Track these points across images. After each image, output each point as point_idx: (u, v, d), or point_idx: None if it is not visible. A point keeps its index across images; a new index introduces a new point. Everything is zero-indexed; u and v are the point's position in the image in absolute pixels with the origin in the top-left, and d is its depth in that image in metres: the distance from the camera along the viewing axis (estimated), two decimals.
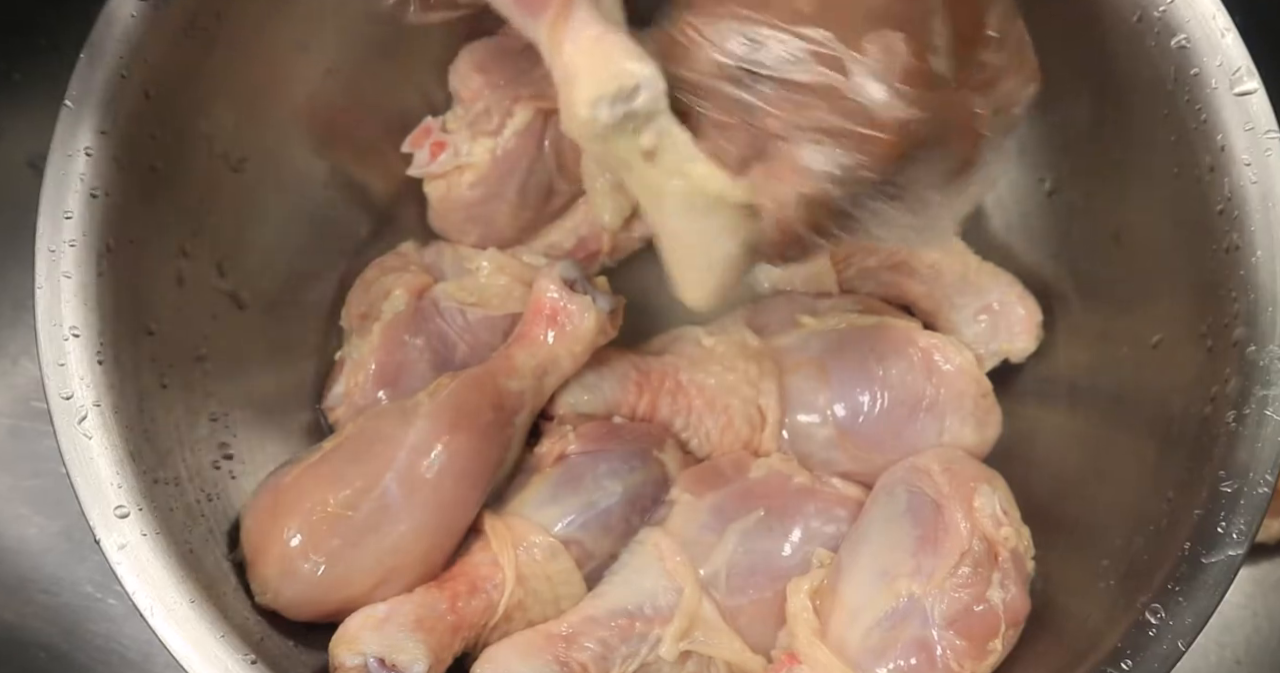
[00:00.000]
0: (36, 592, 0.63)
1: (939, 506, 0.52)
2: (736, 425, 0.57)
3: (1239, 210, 0.47)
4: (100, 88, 0.47)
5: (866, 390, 0.57)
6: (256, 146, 0.56)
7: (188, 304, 0.53)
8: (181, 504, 0.49)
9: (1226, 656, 0.65)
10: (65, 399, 0.45)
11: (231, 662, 0.43)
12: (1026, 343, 0.59)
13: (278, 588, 0.50)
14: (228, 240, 0.55)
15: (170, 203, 0.51)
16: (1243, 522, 0.45)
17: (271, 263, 0.58)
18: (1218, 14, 0.48)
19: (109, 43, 0.47)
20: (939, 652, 0.49)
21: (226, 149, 0.54)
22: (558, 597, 0.53)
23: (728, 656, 0.52)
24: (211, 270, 0.55)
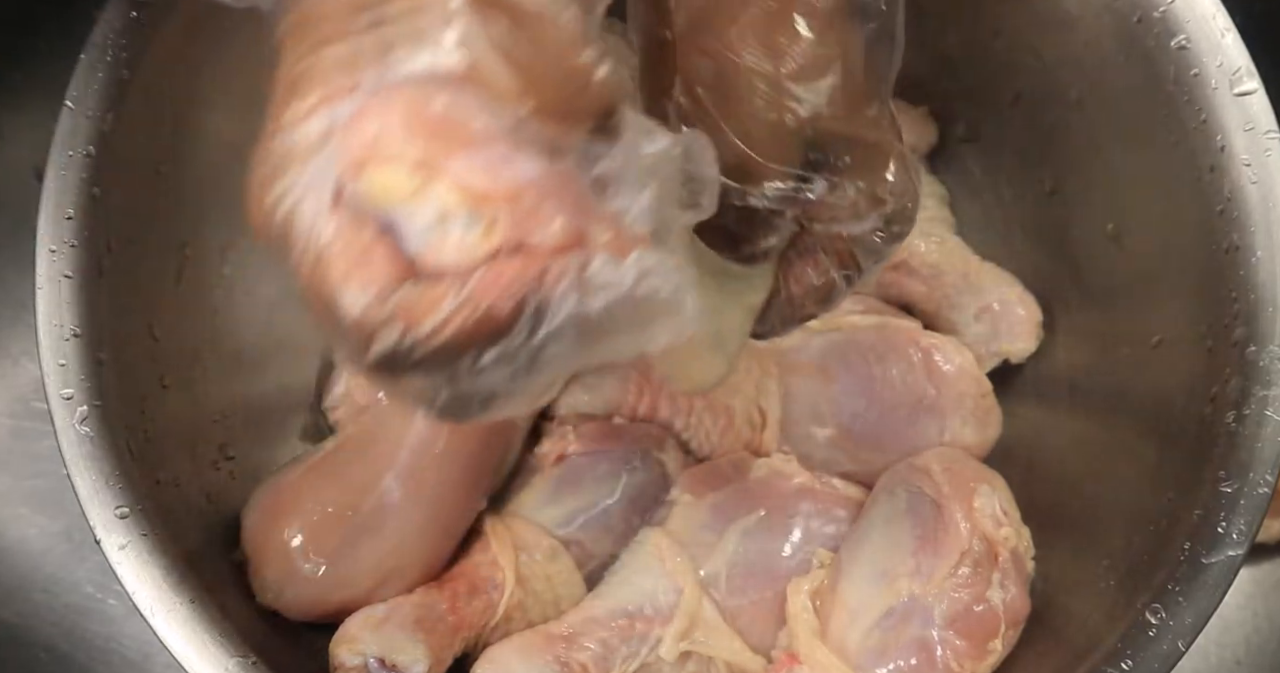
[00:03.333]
0: (36, 592, 0.63)
1: (939, 506, 0.52)
2: (737, 426, 0.57)
3: (1239, 210, 0.47)
4: (100, 88, 0.47)
5: (867, 391, 0.57)
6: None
7: (188, 304, 0.53)
8: (181, 504, 0.49)
9: (1226, 656, 0.65)
10: (66, 399, 0.45)
11: (231, 662, 0.43)
12: (1026, 343, 0.59)
13: (278, 588, 0.51)
14: (228, 241, 0.55)
15: (170, 203, 0.51)
16: (1243, 522, 0.45)
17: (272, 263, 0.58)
18: (1218, 14, 0.48)
19: (109, 43, 0.47)
20: (939, 652, 0.49)
21: (227, 149, 0.54)
22: (558, 597, 0.53)
23: (728, 656, 0.52)
24: (212, 271, 0.55)
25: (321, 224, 0.30)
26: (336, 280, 0.29)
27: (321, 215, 0.29)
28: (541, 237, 0.29)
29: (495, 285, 0.29)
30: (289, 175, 0.30)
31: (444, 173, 0.29)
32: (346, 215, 0.29)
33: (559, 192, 0.29)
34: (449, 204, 0.29)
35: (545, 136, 0.29)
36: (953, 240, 0.61)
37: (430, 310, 0.29)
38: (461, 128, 0.29)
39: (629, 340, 0.31)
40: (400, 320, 0.29)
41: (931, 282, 0.60)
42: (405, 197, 0.29)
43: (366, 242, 0.29)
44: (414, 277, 0.29)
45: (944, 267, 0.60)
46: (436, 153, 0.29)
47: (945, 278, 0.60)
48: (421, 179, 0.29)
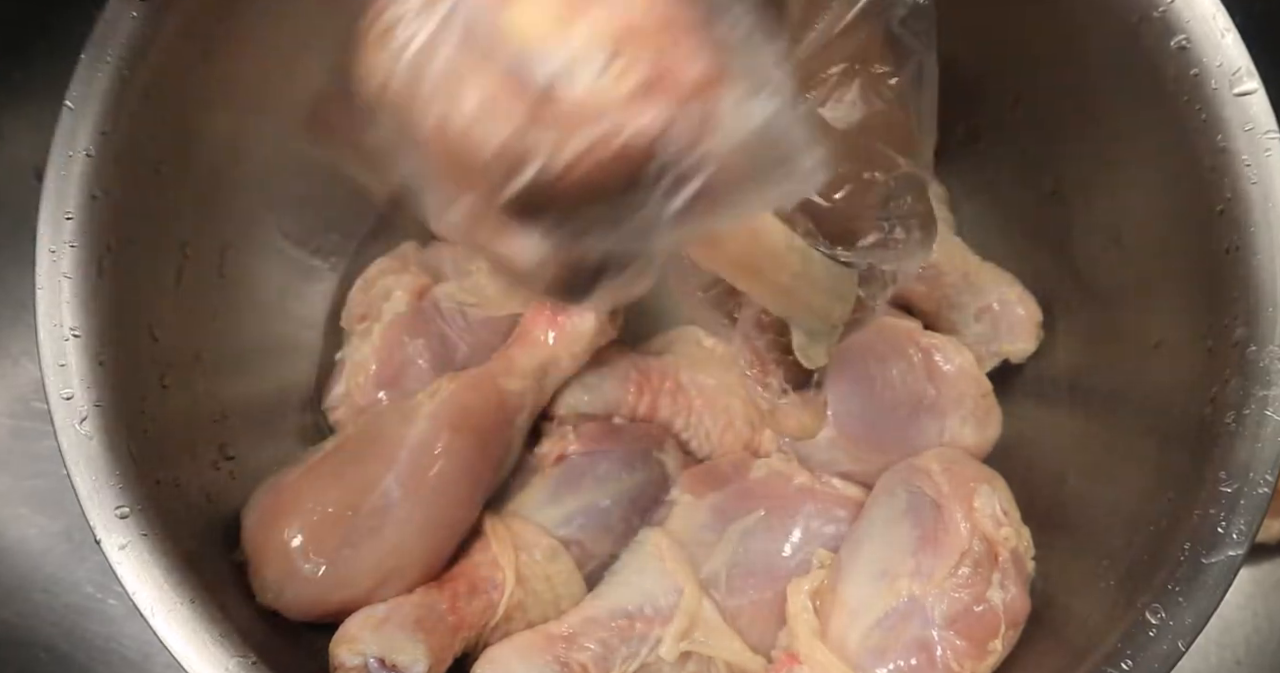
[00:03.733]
0: (36, 592, 0.63)
1: (939, 506, 0.52)
2: (737, 426, 0.57)
3: (1239, 210, 0.47)
4: (101, 89, 0.47)
5: (867, 391, 0.57)
6: (257, 147, 0.56)
7: (188, 304, 0.53)
8: (182, 504, 0.49)
9: (1226, 656, 0.65)
10: (66, 400, 0.45)
11: (231, 662, 0.43)
12: (1026, 343, 0.59)
13: (278, 588, 0.51)
14: (228, 241, 0.55)
15: (170, 203, 0.51)
16: (1243, 522, 0.45)
17: (272, 263, 0.58)
18: (1218, 14, 0.48)
19: (109, 43, 0.47)
20: (939, 652, 0.49)
21: (226, 149, 0.54)
22: (558, 597, 0.53)
23: (728, 656, 0.52)
24: (212, 271, 0.55)
25: (456, 65, 0.29)
26: (472, 116, 0.29)
27: (455, 58, 0.29)
28: (682, 75, 0.29)
29: (634, 122, 0.28)
30: (417, 18, 0.29)
31: (582, 14, 0.28)
32: (482, 56, 0.29)
33: (698, 28, 0.29)
34: (591, 43, 0.28)
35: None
36: (953, 240, 0.61)
37: (571, 143, 0.28)
38: None
39: (755, 194, 0.31)
40: (541, 153, 0.28)
41: (931, 282, 0.60)
42: (547, 35, 0.28)
43: (505, 80, 0.28)
44: (554, 114, 0.28)
45: (944, 267, 0.60)
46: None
47: (945, 278, 0.60)
48: (563, 17, 0.28)
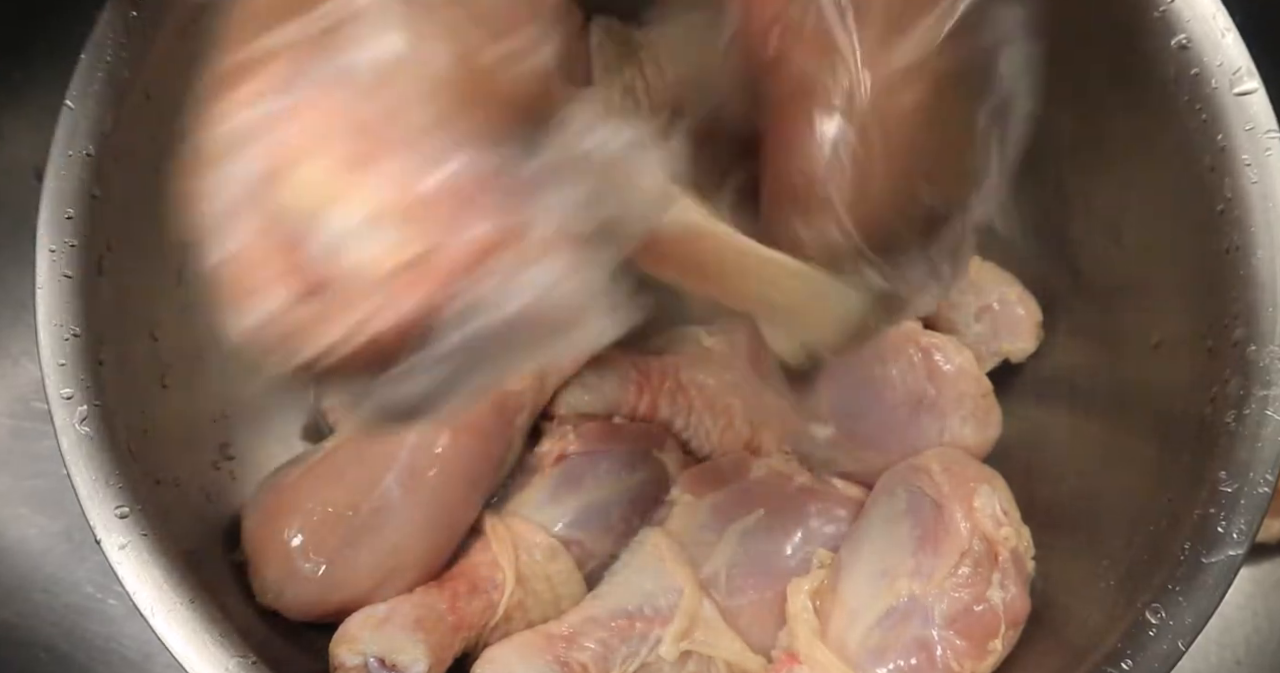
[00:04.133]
0: (36, 592, 0.63)
1: (939, 505, 0.52)
2: (737, 426, 0.57)
3: (1239, 210, 0.47)
4: (101, 88, 0.47)
5: (867, 391, 0.57)
6: None
7: (188, 304, 0.53)
8: (182, 504, 0.50)
9: (1226, 656, 0.65)
10: (66, 399, 0.45)
11: (231, 662, 0.43)
12: (1026, 343, 0.59)
13: (278, 588, 0.51)
14: None
15: (171, 202, 0.51)
16: (1243, 522, 0.45)
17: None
18: (1218, 14, 0.48)
19: (109, 43, 0.47)
20: (939, 652, 0.49)
21: None
22: (558, 597, 0.53)
23: (728, 656, 0.52)
24: None
25: (233, 229, 0.29)
26: (237, 291, 0.29)
27: (236, 219, 0.28)
28: (453, 250, 0.28)
29: (399, 304, 0.28)
30: (211, 173, 0.29)
31: (364, 180, 0.28)
32: (260, 221, 0.28)
33: (484, 193, 0.28)
34: (365, 213, 0.27)
35: (482, 128, 0.28)
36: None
37: (327, 328, 0.28)
38: (392, 125, 0.28)
39: (546, 347, 0.30)
40: (295, 340, 0.28)
41: None
42: (322, 204, 0.28)
43: (275, 251, 0.28)
44: (319, 290, 0.28)
45: None
46: (360, 157, 0.28)
47: None
48: (341, 186, 0.28)
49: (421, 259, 0.27)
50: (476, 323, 0.28)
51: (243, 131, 0.28)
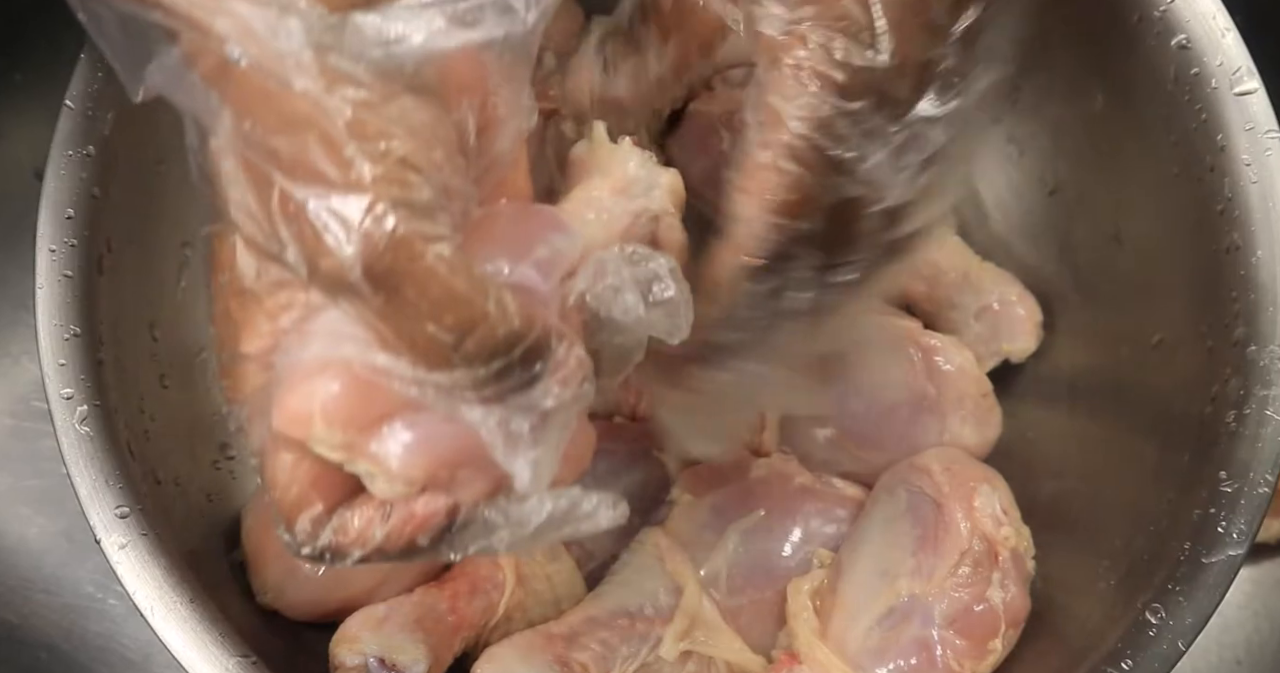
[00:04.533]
0: (36, 592, 0.63)
1: (939, 505, 0.52)
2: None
3: (1239, 210, 0.47)
4: (101, 88, 0.47)
5: (867, 391, 0.57)
6: None
7: (188, 304, 0.53)
8: (182, 504, 0.50)
9: (1227, 656, 0.65)
10: (66, 399, 0.45)
11: (231, 662, 0.43)
12: (1026, 343, 0.59)
13: (278, 588, 0.51)
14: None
15: (170, 203, 0.51)
16: (1243, 522, 0.45)
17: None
18: (1218, 14, 0.49)
19: None
20: (939, 652, 0.49)
21: None
22: (558, 597, 0.53)
23: (728, 656, 0.52)
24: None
25: (263, 446, 0.34)
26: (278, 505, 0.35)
27: (264, 439, 0.34)
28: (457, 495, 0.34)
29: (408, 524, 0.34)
30: (245, 395, 0.34)
31: (363, 452, 0.33)
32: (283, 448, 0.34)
33: (471, 452, 0.32)
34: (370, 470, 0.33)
35: (460, 387, 0.31)
36: (953, 240, 0.61)
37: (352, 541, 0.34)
38: (373, 402, 0.32)
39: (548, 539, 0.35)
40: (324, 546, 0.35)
41: (931, 282, 0.60)
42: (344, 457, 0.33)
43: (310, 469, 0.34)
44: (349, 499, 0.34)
45: (944, 267, 0.60)
46: (353, 437, 0.32)
47: (945, 278, 0.60)
48: (345, 455, 0.33)
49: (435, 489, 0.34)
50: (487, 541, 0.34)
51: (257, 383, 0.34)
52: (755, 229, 0.38)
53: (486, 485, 0.34)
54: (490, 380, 0.31)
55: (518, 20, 0.32)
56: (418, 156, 0.30)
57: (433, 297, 0.29)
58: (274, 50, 0.29)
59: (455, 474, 0.33)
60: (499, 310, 0.30)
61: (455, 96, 0.32)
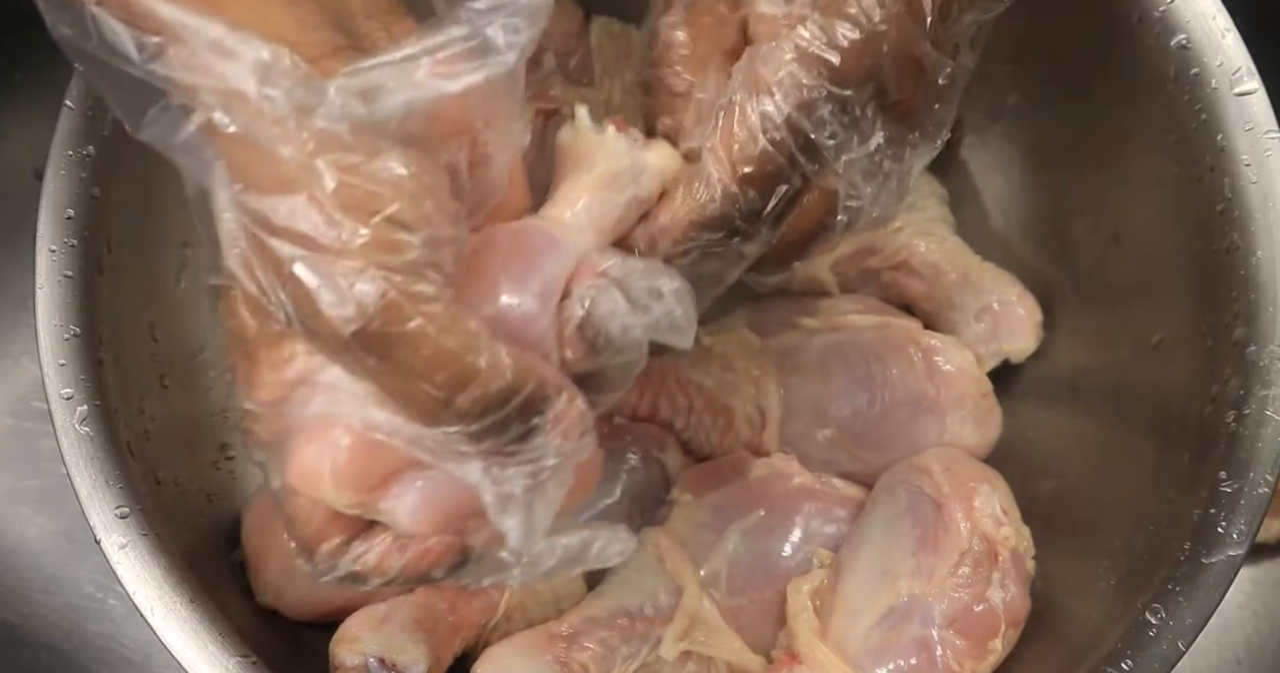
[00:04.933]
0: (36, 592, 0.63)
1: (939, 505, 0.52)
2: (737, 426, 0.57)
3: (1239, 210, 0.47)
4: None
5: (867, 391, 0.57)
6: None
7: (188, 304, 0.53)
8: (182, 504, 0.50)
9: (1227, 656, 0.65)
10: (66, 399, 0.45)
11: (231, 662, 0.43)
12: (1026, 343, 0.59)
13: (279, 588, 0.51)
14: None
15: (171, 203, 0.51)
16: (1243, 522, 0.45)
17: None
18: (1218, 14, 0.48)
19: None
20: (939, 652, 0.49)
21: None
22: (558, 597, 0.53)
23: (728, 656, 0.52)
24: (212, 270, 0.55)
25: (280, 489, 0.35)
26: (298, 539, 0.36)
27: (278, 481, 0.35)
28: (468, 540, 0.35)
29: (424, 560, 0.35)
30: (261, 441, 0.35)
31: (373, 510, 0.34)
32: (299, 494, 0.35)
33: (476, 504, 0.33)
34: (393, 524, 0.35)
35: (456, 443, 0.32)
36: (952, 240, 0.61)
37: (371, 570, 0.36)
38: (379, 462, 0.33)
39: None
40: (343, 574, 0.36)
41: (931, 282, 0.60)
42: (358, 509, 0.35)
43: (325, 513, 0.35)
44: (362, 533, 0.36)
45: (944, 267, 0.60)
46: (363, 497, 0.34)
47: (945, 278, 0.60)
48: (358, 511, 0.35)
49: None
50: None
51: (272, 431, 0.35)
52: (715, 191, 0.38)
53: (495, 533, 0.35)
54: (486, 435, 0.31)
55: (498, 61, 0.33)
56: (406, 213, 0.30)
57: (424, 356, 0.30)
58: (260, 115, 0.30)
59: (464, 525, 0.34)
60: (491, 366, 0.31)
61: (443, 142, 0.33)
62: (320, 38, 0.32)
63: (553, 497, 0.33)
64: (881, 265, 0.61)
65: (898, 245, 0.60)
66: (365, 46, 0.32)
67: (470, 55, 0.32)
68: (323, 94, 0.30)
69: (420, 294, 0.30)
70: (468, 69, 0.32)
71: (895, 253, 0.60)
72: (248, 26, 0.30)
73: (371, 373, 0.31)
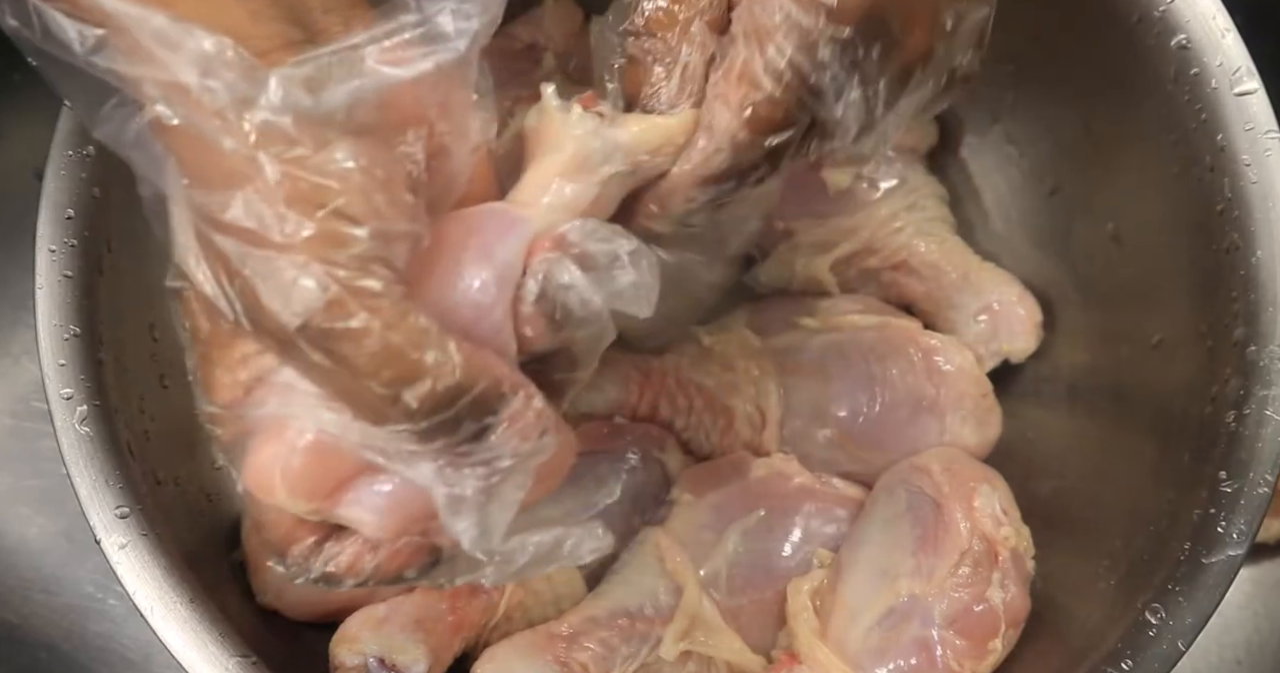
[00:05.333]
0: (36, 592, 0.63)
1: (939, 505, 0.52)
2: (737, 426, 0.57)
3: (1239, 210, 0.47)
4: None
5: (867, 391, 0.57)
6: None
7: None
8: (182, 504, 0.49)
9: (1227, 656, 0.65)
10: (66, 399, 0.45)
11: (231, 662, 0.43)
12: (1026, 343, 0.59)
13: (279, 588, 0.51)
14: None
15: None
16: (1243, 522, 0.45)
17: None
18: (1218, 14, 0.48)
19: None
20: (939, 652, 0.49)
21: None
22: (558, 597, 0.53)
23: (728, 656, 0.52)
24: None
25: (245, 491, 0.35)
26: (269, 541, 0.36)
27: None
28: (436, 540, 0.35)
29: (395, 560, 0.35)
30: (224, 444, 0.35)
31: (330, 515, 0.34)
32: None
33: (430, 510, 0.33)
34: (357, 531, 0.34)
35: (404, 442, 0.31)
36: (952, 240, 0.61)
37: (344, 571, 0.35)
38: (332, 467, 0.33)
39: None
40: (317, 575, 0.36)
41: (931, 282, 0.60)
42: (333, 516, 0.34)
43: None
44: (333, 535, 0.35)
45: (944, 267, 0.60)
46: (318, 503, 0.33)
47: (945, 278, 0.60)
48: (316, 516, 0.34)
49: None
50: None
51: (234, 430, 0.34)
52: (722, 141, 0.38)
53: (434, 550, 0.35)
54: (435, 435, 0.31)
55: (449, 48, 0.32)
56: (354, 206, 0.30)
57: (368, 353, 0.29)
58: (201, 107, 0.29)
59: (427, 526, 0.34)
60: (439, 363, 0.30)
61: (397, 131, 0.32)
62: (273, 31, 0.31)
63: (509, 499, 0.33)
64: (881, 265, 0.61)
65: (898, 245, 0.60)
66: (322, 41, 0.31)
67: (420, 42, 0.32)
68: (264, 85, 0.29)
69: (365, 289, 0.29)
70: (416, 55, 0.32)
71: (895, 253, 0.60)
72: (197, 19, 0.30)
73: (318, 371, 0.30)
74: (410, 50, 0.32)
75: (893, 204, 0.60)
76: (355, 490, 0.33)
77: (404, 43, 0.32)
